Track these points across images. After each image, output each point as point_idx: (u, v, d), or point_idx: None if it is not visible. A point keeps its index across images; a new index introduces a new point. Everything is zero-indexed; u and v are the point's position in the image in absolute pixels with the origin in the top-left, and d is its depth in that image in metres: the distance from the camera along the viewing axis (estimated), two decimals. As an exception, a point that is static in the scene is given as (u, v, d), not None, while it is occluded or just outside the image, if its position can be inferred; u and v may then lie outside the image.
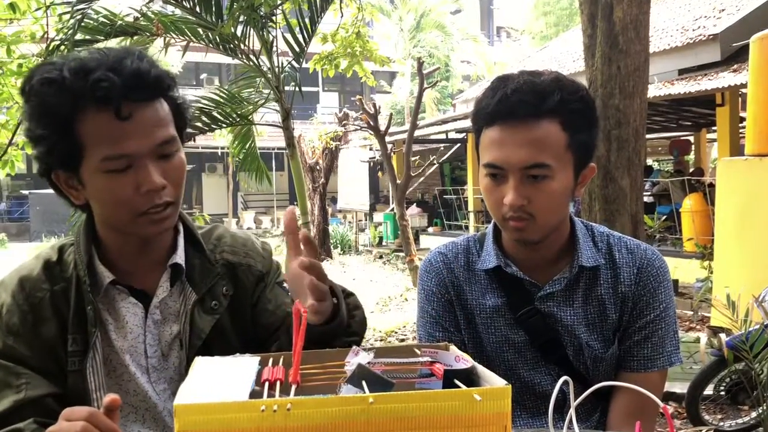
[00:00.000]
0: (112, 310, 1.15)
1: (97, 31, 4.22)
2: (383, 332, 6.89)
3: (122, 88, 1.01)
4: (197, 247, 1.21)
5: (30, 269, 1.14)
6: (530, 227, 1.23)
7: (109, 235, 1.15)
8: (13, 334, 1.09)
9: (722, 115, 9.59)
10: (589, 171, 1.29)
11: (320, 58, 6.00)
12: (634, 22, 4.22)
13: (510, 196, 1.20)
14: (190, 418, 0.70)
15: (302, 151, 11.95)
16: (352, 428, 0.72)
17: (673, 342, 1.34)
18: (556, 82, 1.22)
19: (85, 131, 1.03)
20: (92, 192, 1.08)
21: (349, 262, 12.91)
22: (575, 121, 1.22)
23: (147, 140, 1.05)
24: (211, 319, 1.18)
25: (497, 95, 1.21)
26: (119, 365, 1.15)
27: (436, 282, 1.40)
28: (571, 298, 1.32)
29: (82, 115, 1.02)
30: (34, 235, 19.02)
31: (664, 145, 15.29)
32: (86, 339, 1.11)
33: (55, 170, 1.09)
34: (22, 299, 1.11)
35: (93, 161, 1.04)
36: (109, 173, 1.04)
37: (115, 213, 1.08)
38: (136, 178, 1.05)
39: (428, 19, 22.15)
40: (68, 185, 1.10)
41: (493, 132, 1.23)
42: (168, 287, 1.18)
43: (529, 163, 1.19)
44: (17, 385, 1.05)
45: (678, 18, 11.10)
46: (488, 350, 1.35)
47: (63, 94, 1.01)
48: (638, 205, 4.41)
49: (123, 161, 1.04)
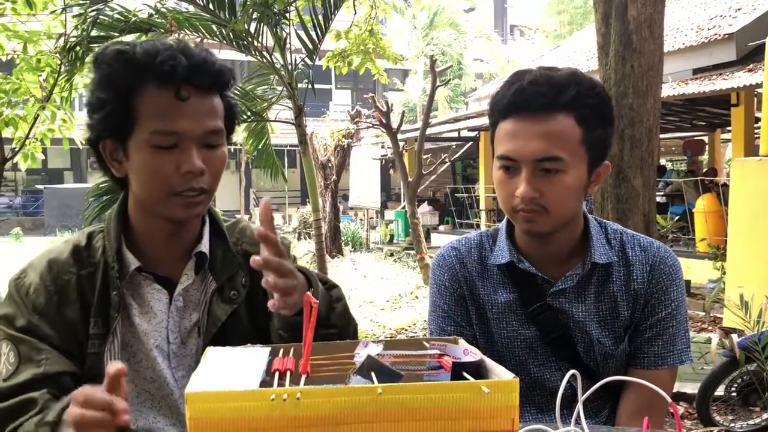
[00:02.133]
0: (137, 296, 1.19)
1: (112, 27, 4.26)
2: (393, 329, 6.89)
3: (186, 69, 1.07)
4: (221, 238, 1.25)
5: (59, 252, 1.18)
6: (541, 219, 1.23)
7: (140, 219, 1.19)
8: (38, 313, 1.12)
9: (737, 115, 9.51)
10: (603, 169, 1.29)
11: (333, 55, 6.00)
12: (649, 21, 4.19)
13: (522, 188, 1.20)
14: (201, 405, 0.71)
15: (314, 148, 11.96)
16: (360, 418, 0.72)
17: (684, 340, 1.34)
18: (572, 77, 1.22)
19: (143, 104, 1.08)
20: (135, 165, 1.12)
21: (360, 260, 12.92)
22: (590, 117, 1.22)
23: (197, 125, 1.10)
24: (228, 308, 1.21)
25: (513, 87, 1.23)
26: (140, 350, 1.18)
27: (448, 276, 1.40)
28: (584, 294, 1.32)
29: (143, 88, 1.08)
30: (49, 229, 19.19)
31: (678, 145, 15.18)
32: (108, 323, 1.14)
33: (104, 140, 1.13)
34: (49, 280, 1.14)
35: (143, 134, 1.09)
36: (154, 148, 1.09)
37: (152, 189, 1.12)
38: (179, 159, 1.09)
39: (441, 17, 22.09)
40: (113, 157, 1.14)
41: (507, 124, 1.23)
42: (192, 275, 1.21)
43: (542, 156, 1.19)
44: (38, 359, 1.09)
45: (693, 17, 11.01)
46: (499, 345, 1.36)
47: (129, 65, 1.08)
48: (651, 204, 4.39)
49: (171, 138, 1.09)
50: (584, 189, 1.27)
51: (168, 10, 4.47)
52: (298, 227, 15.47)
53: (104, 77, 1.11)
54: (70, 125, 4.23)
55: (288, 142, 16.14)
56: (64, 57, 3.66)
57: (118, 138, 1.12)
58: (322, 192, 12.30)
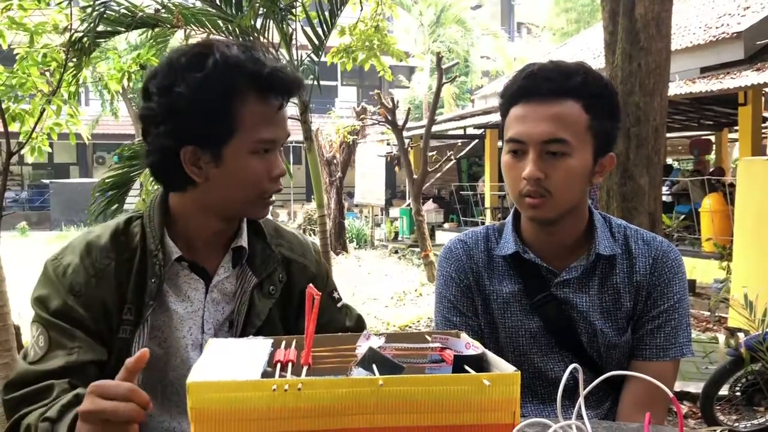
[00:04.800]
0: (173, 284, 1.20)
1: (119, 22, 4.26)
2: (398, 326, 6.90)
3: (284, 83, 1.14)
4: (258, 233, 1.28)
5: (98, 236, 1.19)
6: (546, 204, 1.26)
7: (189, 215, 1.20)
8: (75, 294, 1.12)
9: (744, 115, 9.47)
10: (608, 160, 1.32)
11: (338, 50, 6.00)
12: (656, 19, 4.17)
13: (528, 169, 1.24)
14: (202, 395, 0.71)
15: (320, 145, 11.97)
16: (361, 410, 0.73)
17: (686, 333, 1.35)
18: (580, 66, 1.28)
19: (246, 112, 1.11)
20: (228, 170, 1.13)
21: (365, 257, 12.92)
22: (597, 106, 1.26)
23: (284, 132, 1.18)
24: (269, 303, 1.24)
25: (524, 74, 1.28)
26: (171, 337, 1.19)
27: (455, 267, 1.42)
28: (587, 285, 1.34)
29: (246, 98, 1.11)
30: (55, 224, 19.26)
31: (685, 144, 15.14)
32: (141, 309, 1.15)
33: (187, 145, 1.12)
34: (89, 263, 1.15)
35: (245, 142, 1.12)
36: (253, 154, 1.13)
37: (243, 192, 1.15)
38: (270, 163, 1.16)
39: (448, 14, 22.05)
40: (193, 163, 1.13)
41: (517, 109, 1.28)
42: (230, 268, 1.23)
43: (548, 137, 1.23)
44: (70, 347, 1.09)
45: (701, 15, 10.96)
46: (503, 336, 1.37)
47: (237, 73, 1.10)
48: (656, 203, 4.37)
49: (269, 145, 1.15)
50: (588, 177, 1.29)
51: (175, 5, 4.47)
52: (303, 224, 15.47)
53: (208, 82, 1.08)
54: (77, 120, 4.24)
55: (293, 139, 16.10)
56: (70, 51, 3.66)
57: (210, 144, 1.11)
58: (327, 189, 12.31)
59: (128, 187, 4.52)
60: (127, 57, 4.83)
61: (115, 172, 4.46)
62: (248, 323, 1.21)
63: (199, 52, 1.11)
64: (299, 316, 1.28)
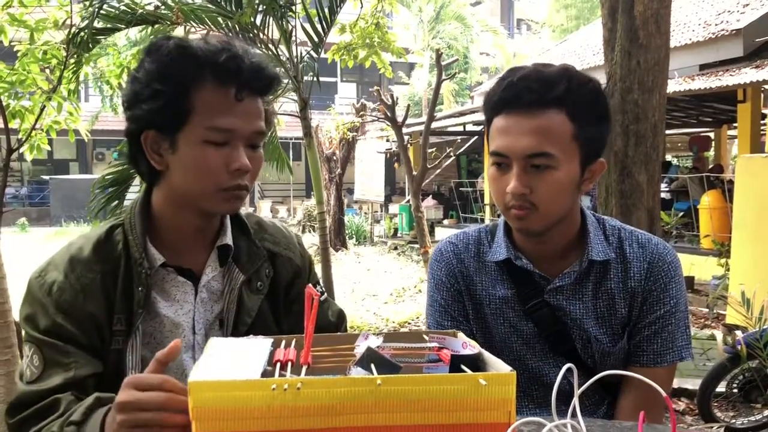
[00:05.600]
0: (161, 289, 1.19)
1: (118, 19, 4.26)
2: (397, 323, 6.92)
3: (246, 72, 1.11)
4: (243, 230, 1.27)
5: (80, 249, 1.17)
6: (531, 217, 1.23)
7: (169, 212, 1.19)
8: (63, 312, 1.11)
9: (743, 112, 9.48)
10: (597, 166, 1.28)
11: (338, 48, 6.00)
12: (655, 16, 4.17)
13: (512, 184, 1.20)
14: (203, 394, 0.72)
15: (319, 142, 11.97)
16: (360, 409, 0.74)
17: (684, 337, 1.33)
18: (564, 72, 1.21)
19: (200, 99, 1.10)
20: (183, 158, 1.12)
21: (364, 253, 12.94)
22: (582, 113, 1.21)
23: (248, 125, 1.13)
24: (257, 299, 1.23)
25: (504, 83, 1.23)
26: (164, 341, 1.17)
27: (445, 272, 1.40)
28: (581, 291, 1.32)
29: (202, 85, 1.10)
30: (54, 220, 19.27)
31: (684, 140, 15.13)
32: (131, 319, 1.14)
33: (148, 130, 1.13)
34: (74, 279, 1.13)
35: (197, 128, 1.10)
36: (207, 143, 1.11)
37: (199, 183, 1.13)
38: (229, 156, 1.12)
39: (448, 11, 22.00)
40: (154, 149, 1.14)
41: (499, 120, 1.23)
42: (217, 267, 1.23)
43: (532, 152, 1.19)
44: (66, 363, 1.09)
45: (700, 12, 10.95)
46: (497, 340, 1.36)
47: (192, 59, 1.10)
48: (655, 200, 4.38)
49: (224, 135, 1.11)
50: (577, 186, 1.25)
51: (174, 2, 4.47)
52: (303, 220, 15.48)
53: (162, 68, 1.10)
54: (76, 118, 4.25)
55: (293, 135, 16.15)
56: (70, 47, 3.66)
57: (166, 130, 1.12)
58: (326, 185, 12.31)
59: (128, 183, 4.52)
60: (126, 53, 4.83)
61: (115, 168, 4.46)
62: (239, 321, 1.21)
63: (159, 41, 1.14)
64: (289, 311, 1.29)
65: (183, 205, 1.17)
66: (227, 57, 1.10)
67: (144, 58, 1.14)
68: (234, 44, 1.13)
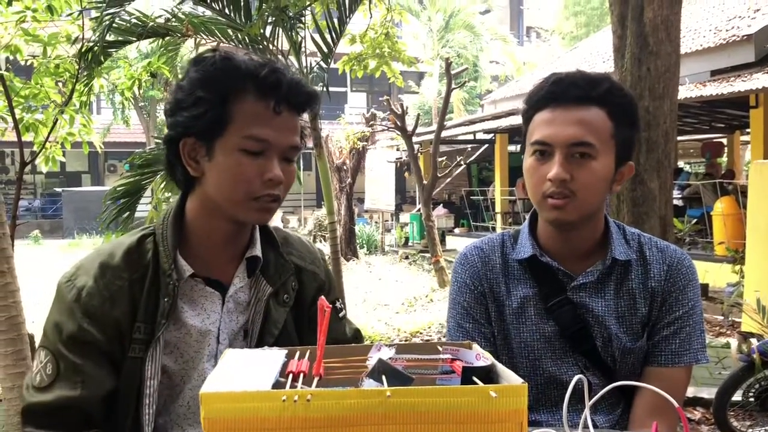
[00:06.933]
0: (188, 299, 1.21)
1: (130, 32, 4.31)
2: (408, 333, 6.90)
3: (286, 87, 1.15)
4: (271, 244, 1.30)
5: (110, 255, 1.19)
6: (569, 206, 1.28)
7: (201, 221, 1.22)
8: (90, 317, 1.14)
9: (756, 117, 9.41)
10: (627, 169, 1.36)
11: (349, 59, 6.02)
12: (665, 22, 4.16)
13: (555, 170, 1.27)
14: (215, 405, 0.72)
15: (329, 151, 12.00)
16: (369, 420, 0.74)
17: (700, 340, 1.37)
18: (605, 76, 1.33)
19: (239, 109, 1.14)
20: (218, 166, 1.15)
21: (375, 262, 12.93)
22: (620, 114, 1.30)
23: (284, 138, 1.17)
24: (284, 312, 1.26)
25: (551, 80, 1.32)
26: (189, 350, 1.20)
27: (470, 274, 1.44)
28: (603, 290, 1.36)
29: (243, 95, 1.14)
30: (67, 232, 19.40)
31: (696, 147, 15.05)
32: (152, 329, 1.16)
33: (187, 137, 1.16)
34: (102, 285, 1.16)
35: (234, 137, 1.13)
36: (242, 152, 1.14)
37: (232, 190, 1.15)
38: (263, 166, 1.15)
39: (457, 19, 22.06)
40: (191, 156, 1.17)
41: (544, 114, 1.31)
42: (245, 277, 1.25)
43: (576, 140, 1.27)
44: (74, 381, 1.12)
45: (711, 18, 10.92)
46: (516, 341, 1.39)
47: (235, 71, 1.14)
48: (667, 207, 4.35)
49: (260, 145, 1.14)
50: (609, 184, 1.33)
51: (184, 14, 4.52)
52: (314, 230, 15.50)
53: (206, 77, 1.14)
54: (90, 129, 4.29)
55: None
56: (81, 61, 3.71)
57: (205, 137, 1.15)
58: (337, 195, 12.33)
59: (139, 195, 4.55)
60: (137, 65, 4.88)
61: (127, 180, 4.50)
62: (265, 332, 1.23)
63: (204, 53, 1.19)
64: (310, 324, 1.30)
65: (215, 213, 1.20)
66: (269, 71, 1.14)
67: (189, 68, 1.18)
68: (276, 62, 1.18)
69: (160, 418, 1.20)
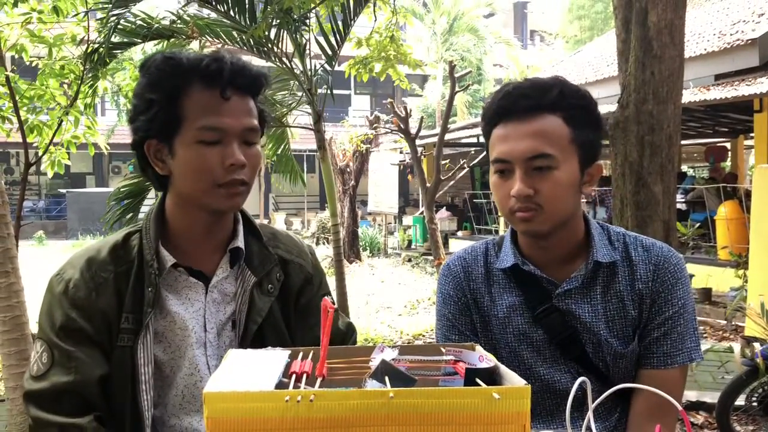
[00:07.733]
0: (172, 289, 1.25)
1: (135, 34, 4.32)
2: (411, 335, 6.89)
3: (229, 73, 1.18)
4: (255, 235, 1.33)
5: (97, 251, 1.25)
6: (538, 218, 1.26)
7: (179, 215, 1.26)
8: (77, 308, 1.19)
9: (760, 122, 9.39)
10: (595, 170, 1.32)
11: (355, 62, 6.03)
12: (669, 26, 4.15)
13: (517, 186, 1.24)
14: (218, 405, 0.72)
15: (333, 154, 12.01)
16: (372, 421, 0.74)
17: (693, 338, 1.33)
18: (556, 80, 1.29)
19: (190, 103, 1.17)
20: (181, 161, 1.19)
21: (378, 265, 12.93)
22: (577, 117, 1.26)
23: (239, 122, 1.19)
24: (268, 301, 1.29)
25: (500, 94, 1.29)
26: (175, 339, 1.24)
27: (453, 285, 1.42)
28: (589, 294, 1.33)
29: (190, 90, 1.17)
30: (71, 233, 19.43)
31: (700, 151, 15.02)
32: (140, 318, 1.20)
33: (149, 140, 1.21)
34: (89, 277, 1.21)
35: (190, 131, 1.17)
36: (200, 144, 1.17)
37: (197, 181, 1.19)
38: (223, 153, 1.18)
39: (461, 23, 22.05)
40: (157, 156, 1.22)
41: (498, 130, 1.29)
42: (227, 268, 1.28)
43: (532, 154, 1.24)
44: (68, 367, 1.16)
45: (715, 22, 10.90)
46: (504, 352, 1.37)
47: (177, 68, 1.18)
48: (671, 211, 4.34)
49: (216, 134, 1.17)
50: (578, 188, 1.30)
51: (189, 16, 4.53)
52: (317, 232, 15.52)
53: (153, 80, 1.19)
54: (95, 131, 4.30)
55: (307, 148, 16.22)
56: (87, 62, 3.72)
57: (164, 137, 1.19)
58: (340, 197, 12.34)
59: (143, 195, 4.57)
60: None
61: (130, 181, 4.51)
62: (250, 320, 1.26)
63: (149, 57, 1.25)
64: (301, 317, 1.34)
65: (190, 206, 1.24)
66: (210, 60, 1.17)
67: (140, 75, 1.23)
68: (219, 52, 1.22)
69: (156, 410, 1.23)
